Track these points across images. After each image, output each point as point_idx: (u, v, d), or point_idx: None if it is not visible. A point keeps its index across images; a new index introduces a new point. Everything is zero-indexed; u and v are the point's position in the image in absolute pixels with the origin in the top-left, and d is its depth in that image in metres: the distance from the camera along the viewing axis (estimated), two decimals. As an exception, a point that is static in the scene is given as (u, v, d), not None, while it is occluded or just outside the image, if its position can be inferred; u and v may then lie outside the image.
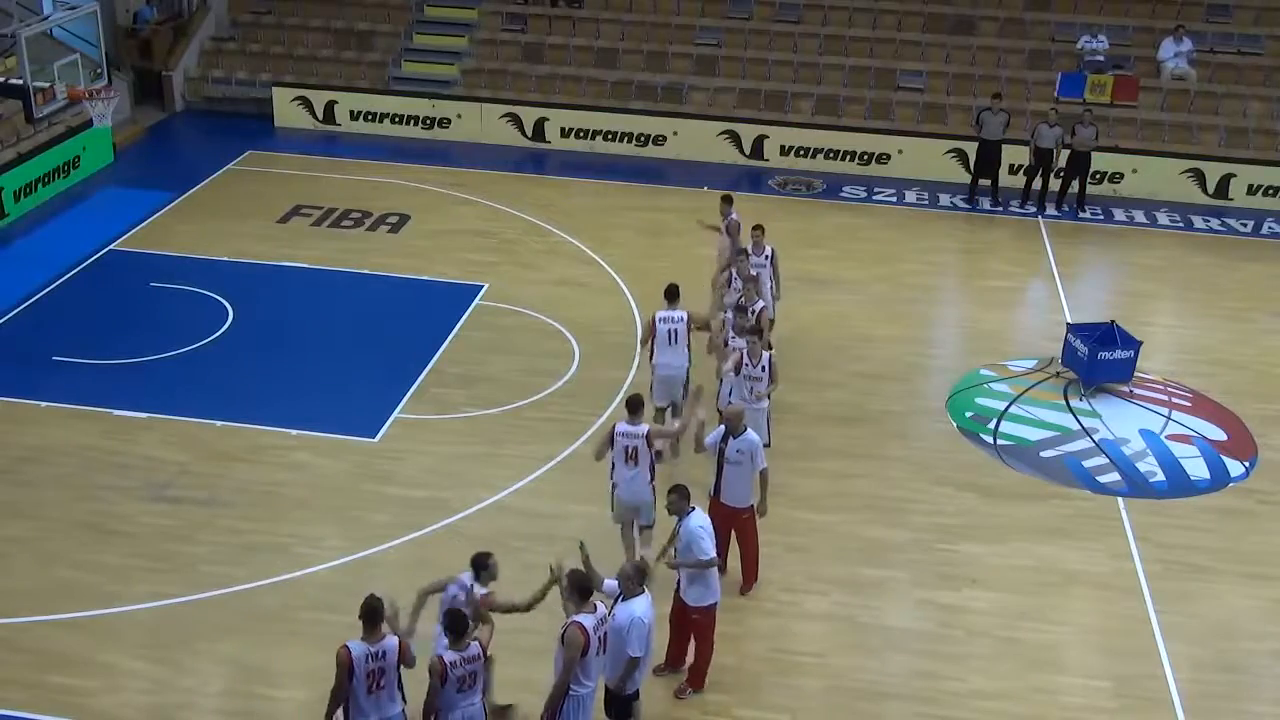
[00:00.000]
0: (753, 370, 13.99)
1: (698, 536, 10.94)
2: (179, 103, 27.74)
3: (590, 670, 9.87)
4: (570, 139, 26.33)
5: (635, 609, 9.94)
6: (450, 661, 9.59)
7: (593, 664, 9.87)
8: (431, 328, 18.09)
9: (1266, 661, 12.44)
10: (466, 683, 9.68)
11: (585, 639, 9.65)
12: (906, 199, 24.41)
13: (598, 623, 9.80)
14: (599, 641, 9.84)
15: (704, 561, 11.00)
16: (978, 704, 11.60)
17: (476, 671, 9.74)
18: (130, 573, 12.79)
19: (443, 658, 9.61)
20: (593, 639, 9.72)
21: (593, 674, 9.92)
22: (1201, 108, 25.80)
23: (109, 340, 17.35)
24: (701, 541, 10.95)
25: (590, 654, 9.77)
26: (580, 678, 9.81)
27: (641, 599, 10.02)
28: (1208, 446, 16.04)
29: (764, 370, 14.00)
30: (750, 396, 13.96)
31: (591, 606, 9.84)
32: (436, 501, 14.11)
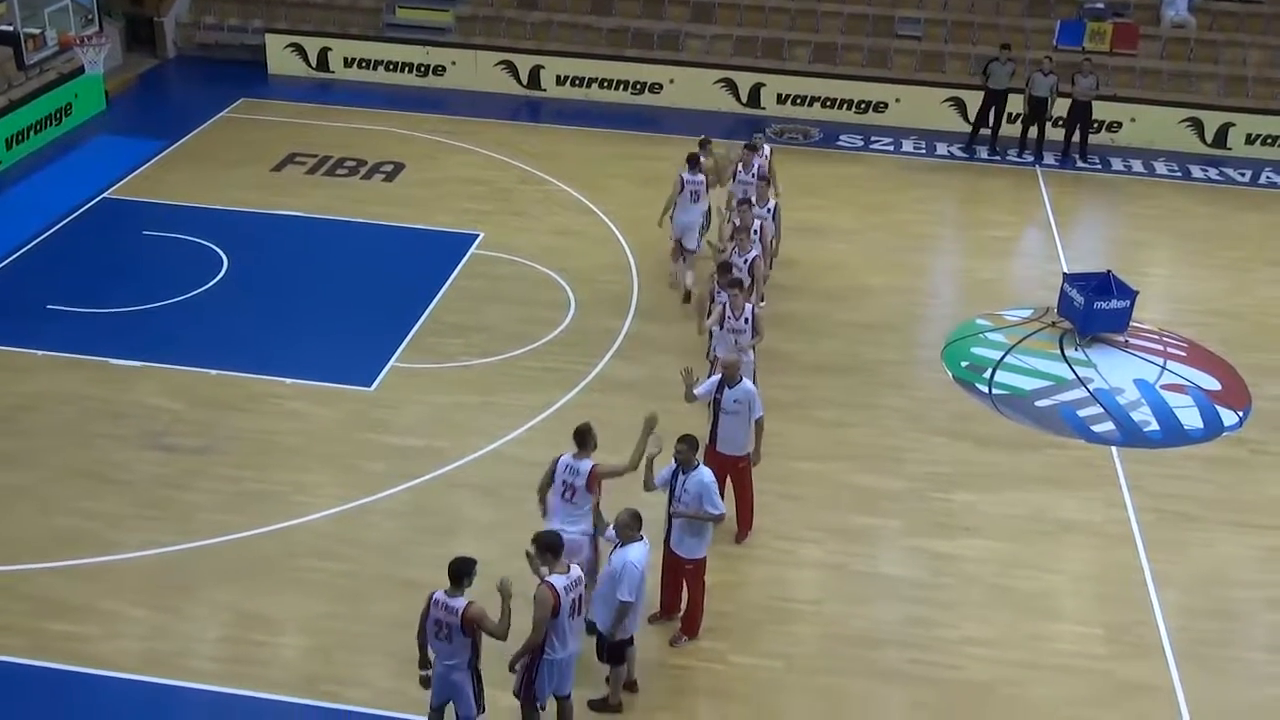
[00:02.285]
0: (735, 323, 13.95)
1: (711, 489, 10.95)
2: (171, 49, 27.50)
3: (565, 635, 9.68)
4: (566, 87, 26.16)
5: (630, 554, 10.01)
6: (563, 587, 9.49)
7: (567, 628, 9.66)
8: (427, 276, 18.05)
9: (1257, 609, 12.54)
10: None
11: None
12: (904, 148, 24.31)
13: (571, 584, 9.59)
14: (572, 604, 9.61)
15: (714, 515, 11.03)
16: (971, 651, 11.69)
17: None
18: (128, 520, 12.83)
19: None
20: (564, 599, 9.51)
21: (568, 639, 9.73)
22: (1201, 56, 25.64)
23: (103, 289, 17.30)
24: (715, 495, 10.99)
25: (562, 617, 9.56)
26: (555, 642, 9.64)
27: (638, 545, 10.07)
28: (1202, 396, 16.08)
29: (747, 323, 13.94)
30: (733, 348, 13.91)
31: (564, 567, 9.62)
32: (432, 450, 14.13)
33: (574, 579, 9.67)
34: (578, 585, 9.69)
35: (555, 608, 9.50)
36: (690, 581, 11.44)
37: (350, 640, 11.44)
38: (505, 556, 12.32)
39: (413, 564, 12.36)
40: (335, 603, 11.86)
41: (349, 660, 11.22)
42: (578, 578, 9.71)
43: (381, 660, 11.20)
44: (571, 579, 9.65)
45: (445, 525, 12.97)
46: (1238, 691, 11.45)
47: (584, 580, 9.83)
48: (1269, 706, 11.29)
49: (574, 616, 9.72)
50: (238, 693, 10.82)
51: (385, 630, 11.52)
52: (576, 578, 9.70)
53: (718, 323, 14.11)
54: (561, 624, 9.63)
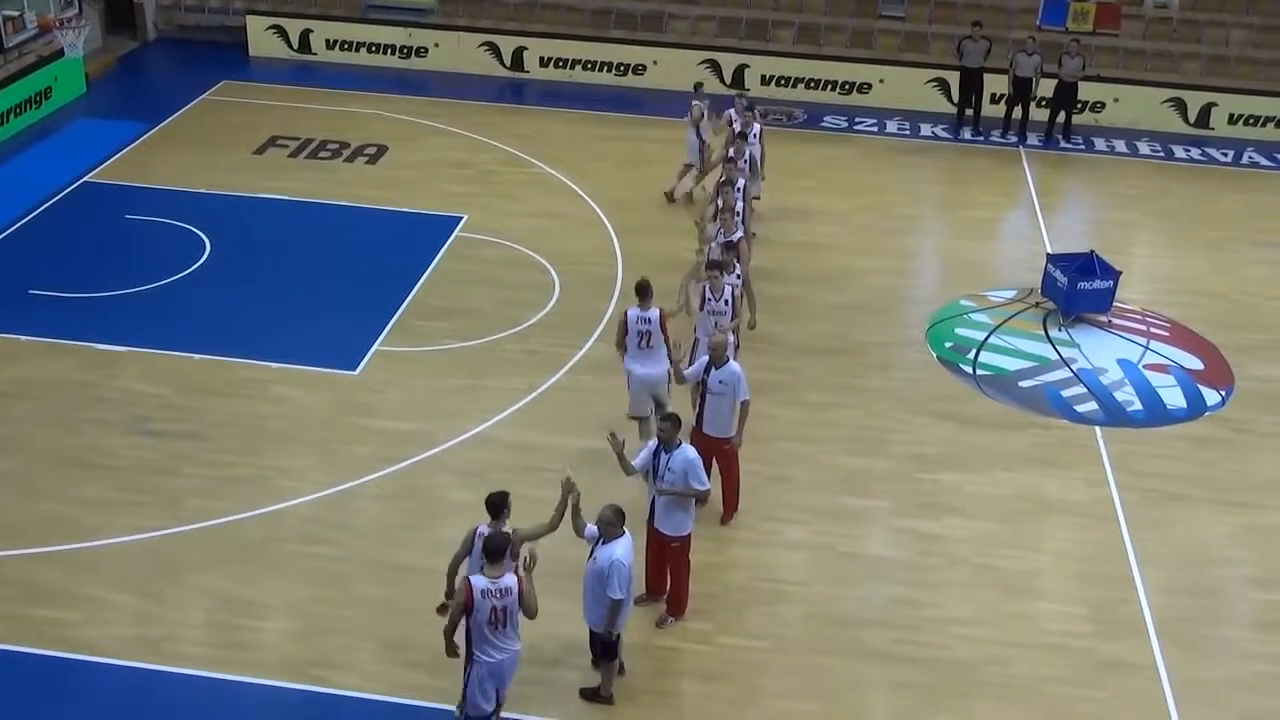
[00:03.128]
0: (715, 304, 13.92)
1: (697, 465, 11.00)
2: (151, 32, 27.32)
3: (487, 641, 9.38)
4: (549, 68, 26.08)
5: (615, 551, 9.93)
6: (480, 589, 9.19)
7: (487, 635, 9.35)
8: (411, 260, 18.00)
9: (1238, 587, 12.62)
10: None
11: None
12: (888, 129, 24.32)
13: (495, 590, 9.19)
14: (492, 612, 9.23)
15: (699, 491, 11.06)
16: (956, 630, 11.75)
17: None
18: (113, 506, 12.80)
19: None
20: (478, 601, 9.17)
21: (498, 644, 9.43)
22: (1183, 36, 25.68)
23: (86, 274, 17.21)
24: (701, 470, 11.03)
25: (479, 620, 9.24)
26: (486, 647, 9.39)
27: (621, 541, 9.99)
28: (1185, 376, 16.15)
29: (727, 304, 13.93)
30: (714, 330, 13.87)
31: (498, 572, 9.23)
32: (418, 434, 14.12)
33: (501, 587, 9.22)
34: (504, 595, 9.22)
35: (465, 604, 9.22)
36: (675, 560, 11.46)
37: (337, 624, 11.44)
38: (492, 539, 12.41)
39: (399, 547, 12.36)
40: (321, 587, 11.86)
41: (335, 644, 11.22)
42: (506, 588, 9.23)
43: (368, 644, 11.22)
44: (498, 586, 9.22)
45: (431, 509, 12.97)
46: (1220, 668, 11.53)
47: (515, 596, 9.28)
48: (1251, 683, 11.37)
49: (496, 628, 9.32)
50: (224, 677, 10.81)
51: (372, 614, 11.54)
52: (505, 588, 9.23)
53: (699, 304, 14.10)
54: (480, 629, 9.30)
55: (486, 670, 9.54)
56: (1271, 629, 12.03)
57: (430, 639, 11.16)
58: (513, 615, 9.34)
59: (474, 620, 9.29)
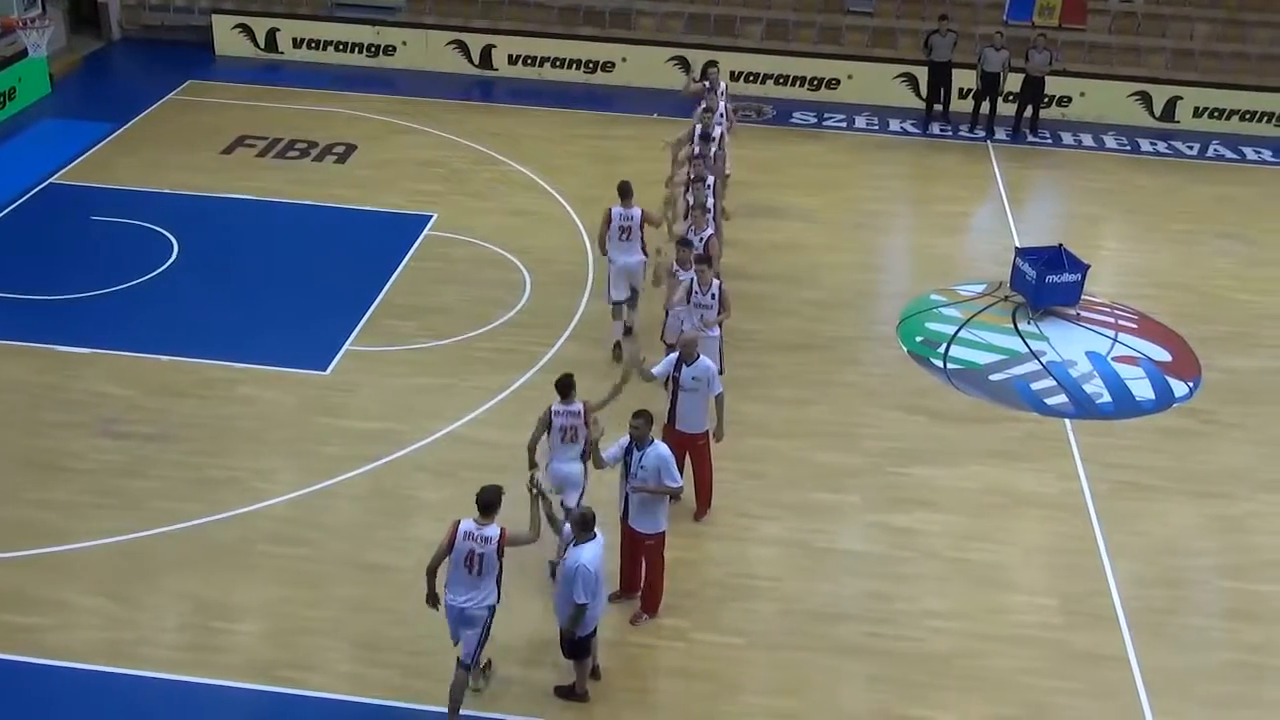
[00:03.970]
0: (702, 298, 13.94)
1: (670, 462, 10.97)
2: (116, 31, 27.11)
3: (453, 579, 9.87)
4: (518, 66, 26.03)
5: (582, 555, 9.86)
6: (464, 531, 9.76)
7: (458, 574, 9.83)
8: (381, 259, 17.92)
9: (1208, 577, 12.72)
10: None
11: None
12: (857, 124, 24.39)
13: (478, 536, 9.72)
14: (469, 555, 9.73)
15: (673, 488, 11.06)
16: (929, 623, 11.80)
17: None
18: (81, 509, 12.69)
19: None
20: (460, 542, 9.72)
21: (454, 587, 9.88)
22: (1149, 30, 25.87)
23: (51, 276, 17.06)
24: (674, 467, 11.03)
25: (456, 557, 9.75)
26: (456, 587, 9.87)
27: (590, 545, 9.92)
28: (1153, 368, 16.27)
29: (713, 298, 13.94)
30: (700, 325, 13.92)
31: (489, 521, 9.75)
32: (389, 433, 14.06)
33: (485, 535, 9.74)
34: (486, 543, 9.73)
35: (448, 541, 9.77)
36: (650, 557, 11.46)
37: (309, 625, 11.38)
38: (465, 539, 12.37)
39: (371, 547, 12.32)
40: (293, 588, 11.80)
41: (308, 645, 11.17)
42: (487, 537, 9.74)
43: (342, 645, 11.17)
44: (482, 534, 9.74)
45: (403, 508, 12.92)
46: (1191, 658, 11.62)
47: (495, 546, 9.74)
48: (1221, 672, 11.47)
49: (470, 572, 9.78)
50: (196, 680, 10.74)
51: (345, 614, 11.49)
52: (486, 536, 9.74)
53: (684, 299, 14.07)
54: (456, 568, 9.82)
55: (449, 607, 9.98)
56: (1240, 618, 12.13)
57: (403, 638, 11.17)
58: (489, 564, 9.76)
59: (451, 559, 9.80)
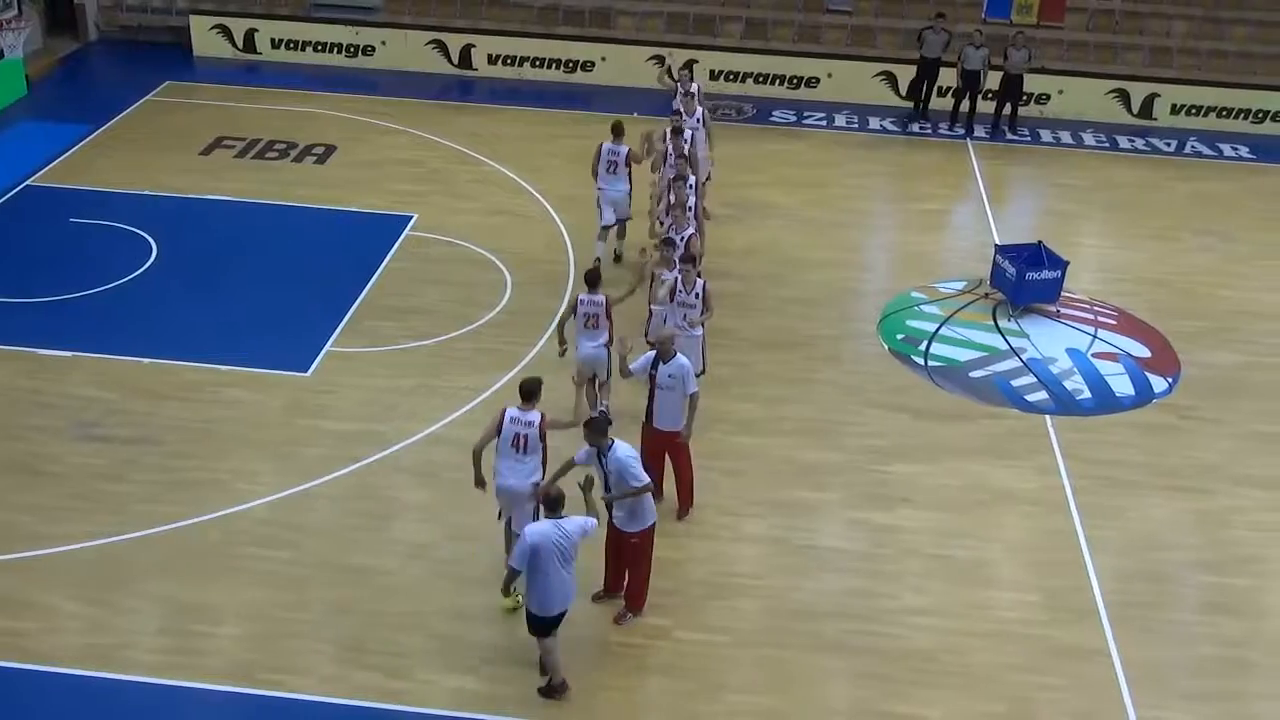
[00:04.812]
0: (686, 297, 13.97)
1: (627, 465, 10.88)
2: (93, 32, 26.96)
3: (499, 461, 11.23)
4: (497, 66, 25.99)
5: (531, 527, 10.23)
6: (509, 417, 11.18)
7: (503, 455, 11.21)
8: (361, 260, 17.88)
9: (1188, 571, 12.79)
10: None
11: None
12: (836, 122, 24.44)
13: (521, 420, 11.12)
14: (514, 438, 11.13)
15: (639, 489, 11.01)
16: (911, 620, 11.84)
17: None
18: (62, 513, 12.63)
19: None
20: (506, 426, 11.17)
21: (499, 469, 11.23)
22: (1126, 28, 25.99)
23: (29, 278, 16.96)
24: (631, 469, 10.90)
25: (502, 441, 11.19)
26: (501, 466, 11.22)
27: (545, 523, 10.16)
28: (1132, 364, 16.35)
29: (697, 297, 13.96)
30: (684, 323, 13.95)
31: (528, 408, 11.13)
32: (371, 434, 14.03)
33: (527, 419, 11.15)
34: (529, 426, 11.13)
35: (495, 426, 11.22)
36: (635, 556, 11.43)
37: (292, 627, 11.35)
38: (447, 538, 12.39)
39: (354, 549, 12.29)
40: (276, 590, 11.76)
41: (291, 648, 11.14)
42: (530, 421, 11.14)
43: (324, 647, 11.14)
44: (525, 418, 11.16)
45: (385, 509, 12.90)
46: (1171, 652, 11.69)
47: (537, 428, 11.11)
48: (1202, 666, 11.54)
49: (517, 451, 11.17)
50: (179, 684, 10.70)
51: (327, 616, 11.46)
52: (529, 420, 11.14)
53: (668, 297, 14.08)
54: (504, 450, 11.21)
55: (499, 490, 11.32)
56: (1219, 611, 12.21)
57: (386, 640, 11.16)
58: (533, 444, 11.16)
59: (498, 441, 11.23)
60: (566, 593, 10.44)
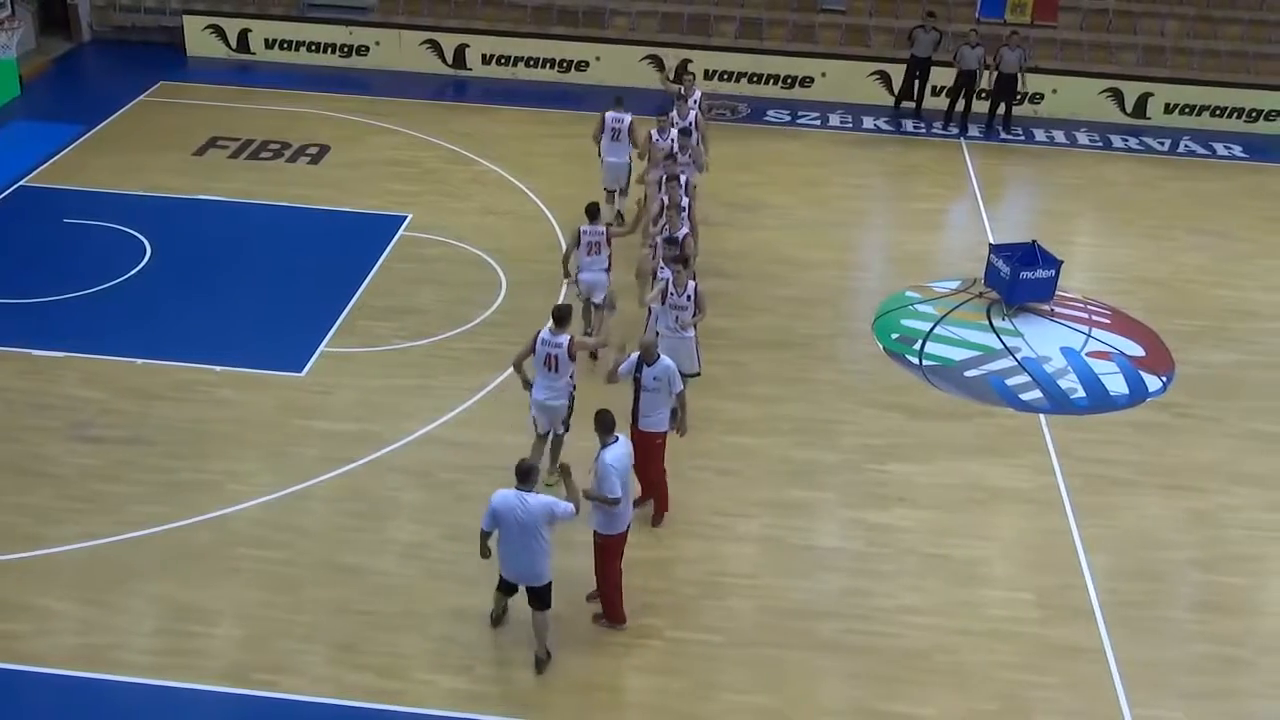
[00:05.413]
0: (678, 299, 13.91)
1: (605, 474, 10.76)
2: (86, 32, 26.93)
3: (544, 380, 12.51)
4: (491, 65, 25.99)
5: (499, 491, 10.42)
6: (541, 338, 12.46)
7: (538, 372, 12.51)
8: (356, 260, 17.87)
9: (1182, 569, 12.81)
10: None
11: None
12: (831, 122, 24.45)
13: (551, 342, 12.40)
14: (547, 357, 12.42)
15: (608, 499, 10.83)
16: (906, 619, 11.84)
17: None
18: (56, 514, 12.61)
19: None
20: (539, 347, 12.46)
21: (546, 384, 12.52)
22: (1120, 27, 26.02)
23: (23, 279, 16.94)
24: (609, 479, 10.75)
25: (537, 361, 12.49)
26: (537, 383, 12.56)
27: (511, 491, 10.35)
28: (1126, 363, 16.37)
29: (689, 299, 13.91)
30: (675, 325, 13.90)
31: (558, 332, 12.43)
32: (366, 435, 14.02)
33: (557, 341, 12.41)
34: (558, 347, 12.40)
35: (529, 348, 12.56)
36: (598, 556, 11.31)
37: (286, 628, 11.34)
38: (441, 539, 12.38)
39: (348, 549, 12.28)
40: (270, 591, 11.75)
41: (285, 649, 11.12)
42: (559, 343, 12.40)
43: (319, 648, 11.13)
44: (556, 340, 12.42)
45: (380, 510, 12.89)
46: (1166, 650, 11.70)
47: (566, 349, 12.38)
48: (1196, 664, 11.55)
49: (549, 370, 12.46)
50: (174, 685, 10.69)
51: (322, 617, 11.45)
52: (558, 342, 12.40)
53: (659, 299, 14.04)
54: (538, 368, 12.52)
55: (533, 402, 12.66)
56: (1214, 610, 12.23)
57: (381, 640, 11.16)
58: (563, 363, 12.42)
59: (533, 360, 12.54)
60: (521, 566, 10.56)
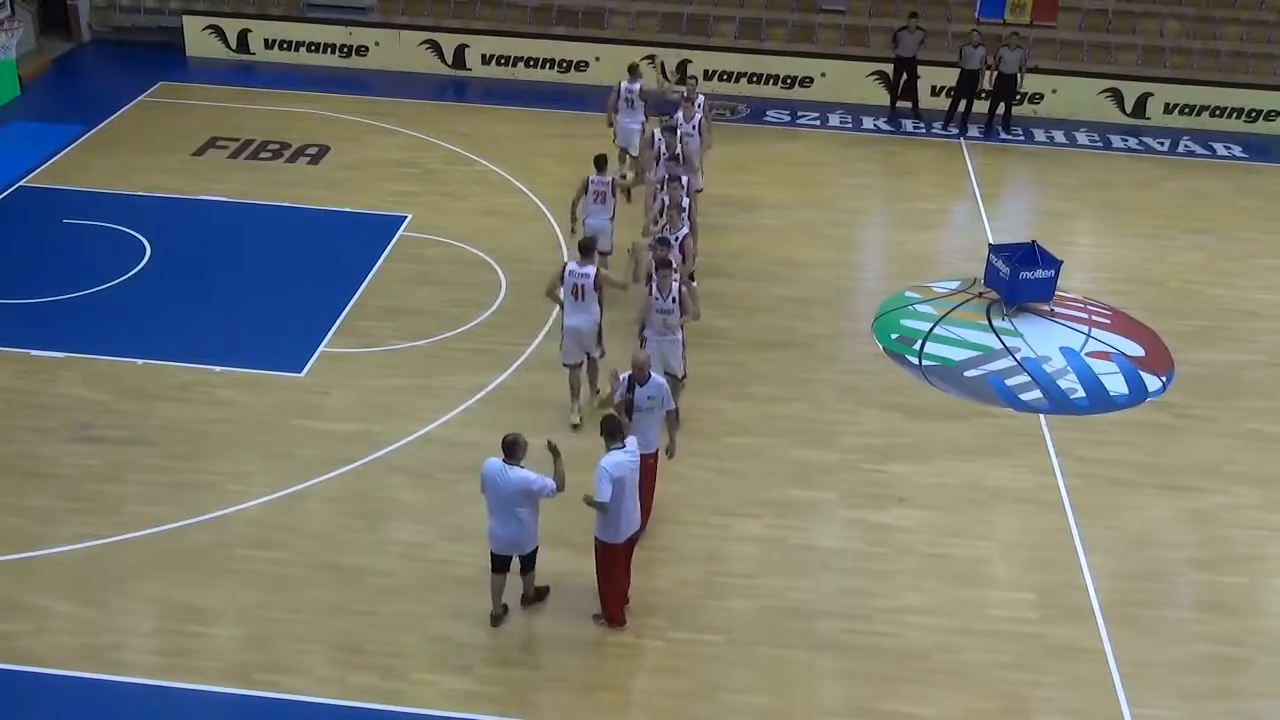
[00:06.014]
0: (663, 303, 13.77)
1: (599, 477, 10.71)
2: (86, 33, 26.93)
3: (573, 308, 13.81)
4: (491, 66, 26.00)
5: (489, 460, 10.73)
6: (569, 269, 13.77)
7: (567, 299, 13.81)
8: (355, 260, 17.87)
9: (1182, 569, 12.81)
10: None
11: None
12: (830, 122, 24.45)
13: (579, 272, 13.65)
14: (574, 286, 13.68)
15: (596, 503, 10.79)
16: (906, 619, 11.84)
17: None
18: (56, 514, 12.61)
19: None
20: (566, 277, 13.71)
21: (575, 312, 13.82)
22: (1119, 27, 26.03)
23: (23, 279, 16.94)
24: (599, 483, 10.69)
25: (565, 291, 13.79)
26: (568, 310, 13.85)
27: (496, 460, 10.69)
28: (1126, 363, 16.37)
29: (674, 302, 13.81)
30: (662, 329, 13.81)
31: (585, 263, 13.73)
32: (365, 435, 14.02)
33: (582, 272, 13.67)
34: (584, 278, 13.65)
35: (559, 277, 13.86)
36: (597, 559, 11.29)
37: (286, 629, 11.34)
38: (441, 539, 12.38)
39: (348, 549, 12.28)
40: (270, 591, 11.75)
41: (285, 649, 11.12)
42: (585, 273, 13.67)
43: (319, 648, 11.13)
44: (582, 271, 13.67)
45: (379, 510, 12.88)
46: (1166, 650, 11.70)
47: (592, 279, 13.69)
48: (1196, 664, 11.55)
49: (576, 299, 13.75)
50: (174, 685, 10.69)
51: (322, 617, 11.45)
52: (584, 273, 13.67)
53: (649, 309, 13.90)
54: (566, 298, 13.79)
55: (566, 330, 13.94)
56: (1214, 609, 12.23)
57: (381, 640, 11.16)
58: (589, 293, 13.72)
59: (562, 290, 13.82)
60: (503, 534, 10.88)
